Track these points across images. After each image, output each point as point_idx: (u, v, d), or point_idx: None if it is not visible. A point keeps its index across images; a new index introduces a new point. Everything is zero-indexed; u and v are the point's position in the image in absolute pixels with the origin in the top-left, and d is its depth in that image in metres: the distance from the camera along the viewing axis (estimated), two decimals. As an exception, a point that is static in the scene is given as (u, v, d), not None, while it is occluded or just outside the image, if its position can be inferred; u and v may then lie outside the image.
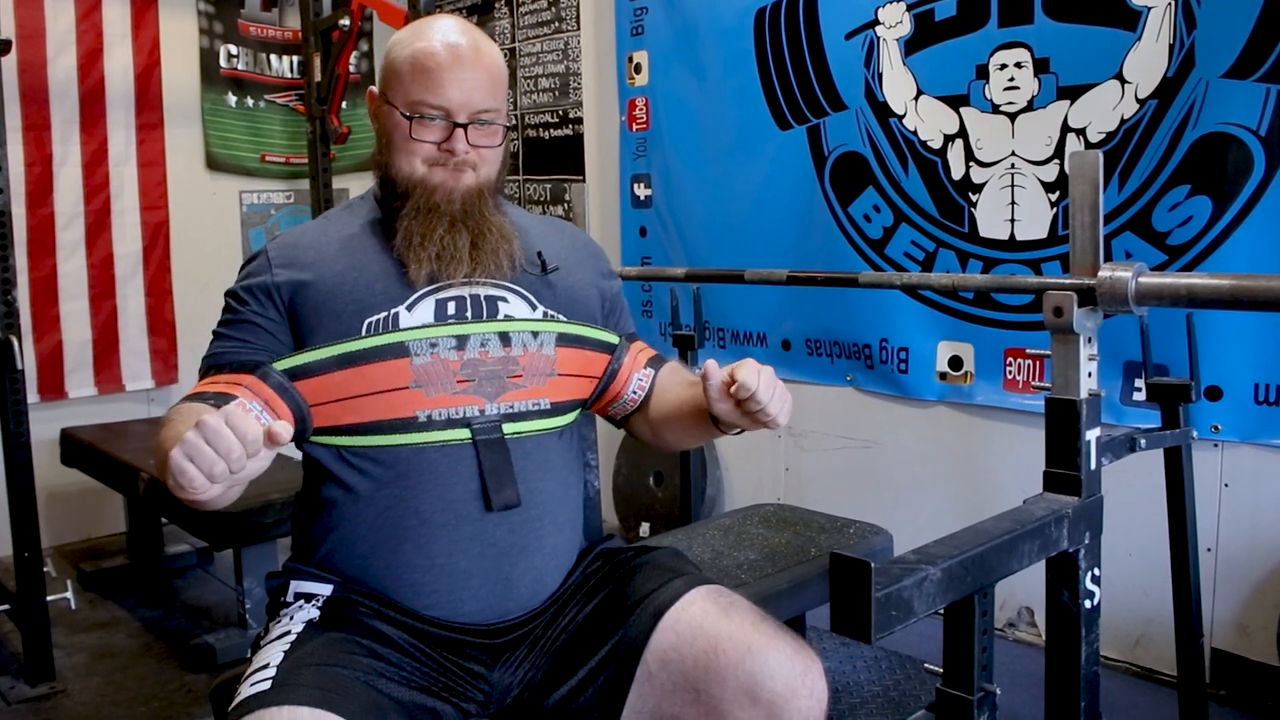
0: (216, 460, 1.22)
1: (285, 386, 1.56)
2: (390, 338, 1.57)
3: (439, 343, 1.59)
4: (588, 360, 1.71)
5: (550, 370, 1.65)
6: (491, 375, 1.60)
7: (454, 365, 1.59)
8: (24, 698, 3.04)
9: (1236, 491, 2.85)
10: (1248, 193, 2.69)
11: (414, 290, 1.62)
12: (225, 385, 1.55)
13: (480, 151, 1.66)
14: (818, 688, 1.48)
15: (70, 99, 4.36)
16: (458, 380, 1.59)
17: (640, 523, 4.25)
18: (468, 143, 1.63)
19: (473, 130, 1.64)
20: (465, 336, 1.60)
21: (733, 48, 3.85)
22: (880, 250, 3.51)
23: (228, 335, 1.64)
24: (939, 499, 3.45)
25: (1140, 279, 1.68)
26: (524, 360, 1.63)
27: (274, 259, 1.67)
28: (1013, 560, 1.61)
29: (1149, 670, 3.05)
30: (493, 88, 1.65)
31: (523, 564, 1.60)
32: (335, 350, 1.57)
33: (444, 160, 1.64)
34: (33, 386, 4.22)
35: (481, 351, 1.60)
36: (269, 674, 1.39)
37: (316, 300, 1.62)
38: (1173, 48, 2.79)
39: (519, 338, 1.63)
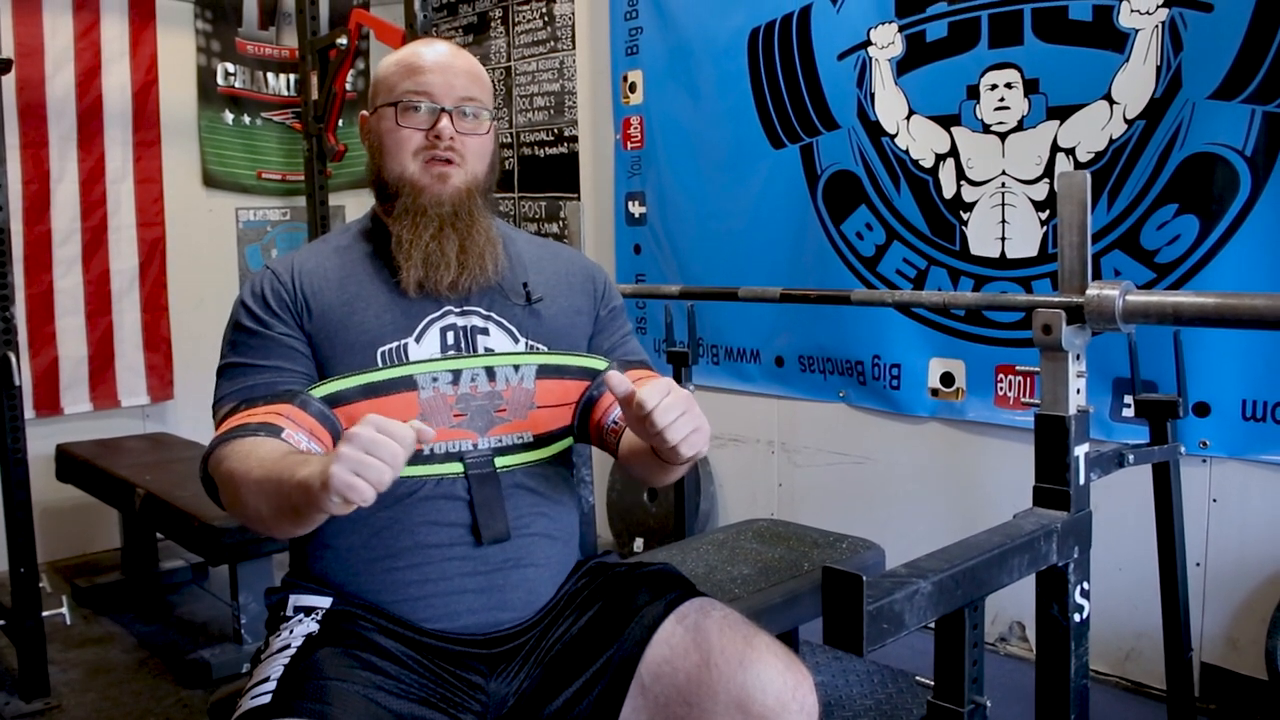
0: (384, 469, 1.24)
1: (326, 414, 1.56)
2: (403, 371, 1.59)
3: (439, 377, 1.61)
4: (566, 389, 1.70)
5: (530, 404, 1.66)
6: (481, 410, 1.62)
7: (450, 400, 1.61)
8: (19, 713, 3.04)
9: (1225, 506, 2.87)
10: (1234, 212, 2.72)
11: (419, 319, 1.63)
12: (265, 415, 1.52)
13: (467, 141, 1.66)
14: (808, 702, 1.49)
15: (68, 116, 4.38)
16: (454, 414, 1.61)
17: (634, 538, 4.27)
18: (454, 129, 1.65)
19: (458, 118, 1.66)
20: (459, 371, 1.62)
21: (727, 67, 3.88)
22: (872, 268, 3.54)
23: (252, 364, 1.61)
24: (930, 514, 3.47)
25: (1127, 297, 1.70)
26: (507, 394, 1.64)
27: (283, 276, 1.67)
28: (1003, 574, 1.63)
29: (1139, 684, 3.07)
30: (476, 81, 1.69)
31: (515, 576, 1.62)
32: (360, 380, 1.58)
33: (431, 151, 1.65)
34: (29, 402, 4.22)
35: (472, 386, 1.62)
36: (269, 688, 1.40)
37: (329, 328, 1.62)
38: (1160, 69, 2.82)
39: (502, 372, 1.64)
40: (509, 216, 4.95)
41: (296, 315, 1.63)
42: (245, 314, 1.65)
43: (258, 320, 1.63)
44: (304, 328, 1.63)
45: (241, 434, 1.50)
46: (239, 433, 1.50)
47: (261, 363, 1.60)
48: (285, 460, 1.39)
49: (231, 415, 1.55)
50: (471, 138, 1.67)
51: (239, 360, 1.62)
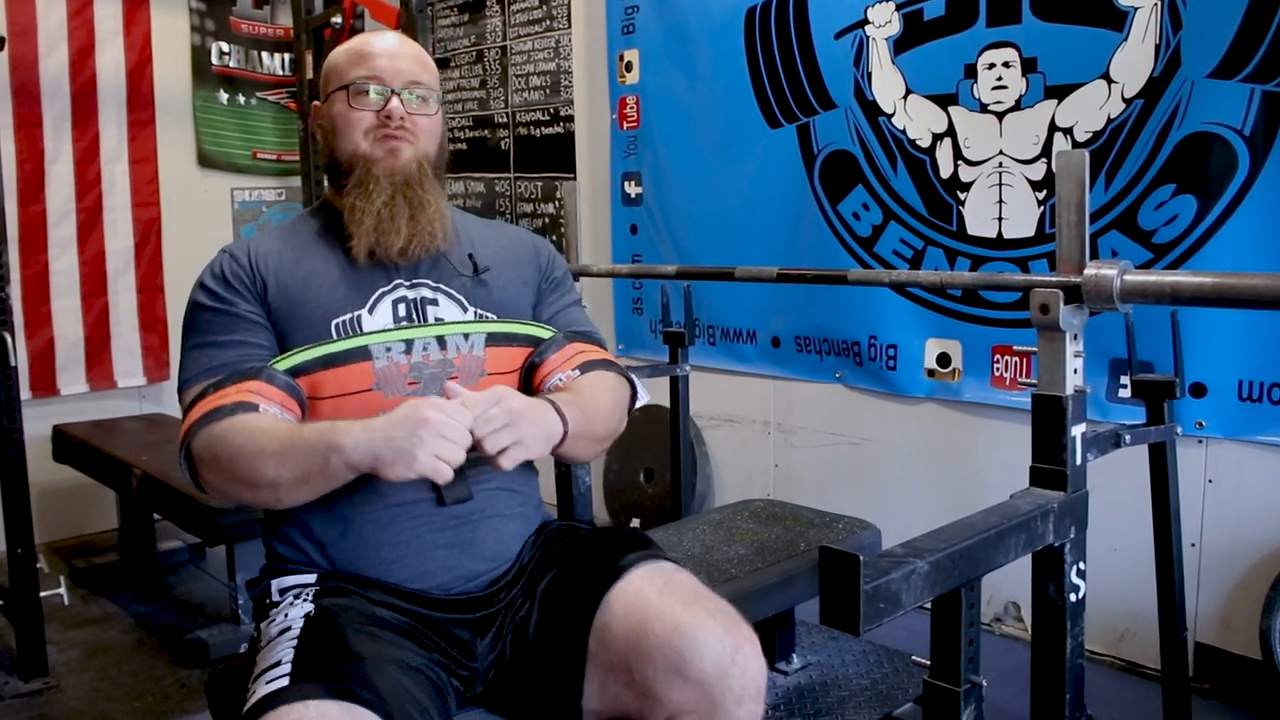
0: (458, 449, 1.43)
1: (291, 385, 1.61)
2: (357, 341, 1.65)
3: (393, 347, 1.66)
4: (515, 356, 1.78)
5: (480, 370, 1.72)
6: (434, 378, 1.67)
7: (404, 369, 1.66)
8: (18, 693, 3.05)
9: (1220, 487, 2.88)
10: (1232, 192, 2.72)
11: (371, 292, 1.70)
12: (238, 394, 1.57)
13: (417, 121, 1.74)
14: (751, 666, 1.51)
15: (62, 96, 4.36)
16: (408, 383, 1.66)
17: (631, 519, 4.27)
18: (404, 110, 1.72)
19: (408, 99, 1.73)
20: (411, 340, 1.68)
21: (723, 46, 3.86)
22: (869, 248, 3.53)
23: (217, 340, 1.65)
24: (927, 494, 3.47)
25: (1125, 277, 1.70)
26: (458, 362, 1.70)
27: (240, 257, 1.74)
28: (999, 554, 1.63)
29: (1133, 664, 3.08)
30: (424, 68, 1.78)
31: (483, 529, 1.69)
32: (319, 352, 1.63)
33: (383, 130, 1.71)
34: (25, 383, 4.21)
35: (424, 355, 1.68)
36: (284, 670, 1.41)
37: (286, 304, 1.68)
38: (1159, 48, 2.81)
39: (453, 340, 1.70)
40: (505, 196, 4.93)
41: (256, 293, 1.69)
42: (205, 294, 1.70)
43: (218, 299, 1.69)
44: (264, 303, 1.69)
45: (219, 416, 1.55)
46: (217, 415, 1.55)
47: (226, 338, 1.65)
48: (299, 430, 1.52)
49: (202, 398, 1.59)
50: (421, 118, 1.75)
51: (203, 339, 1.66)
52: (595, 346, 1.84)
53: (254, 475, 1.51)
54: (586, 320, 1.92)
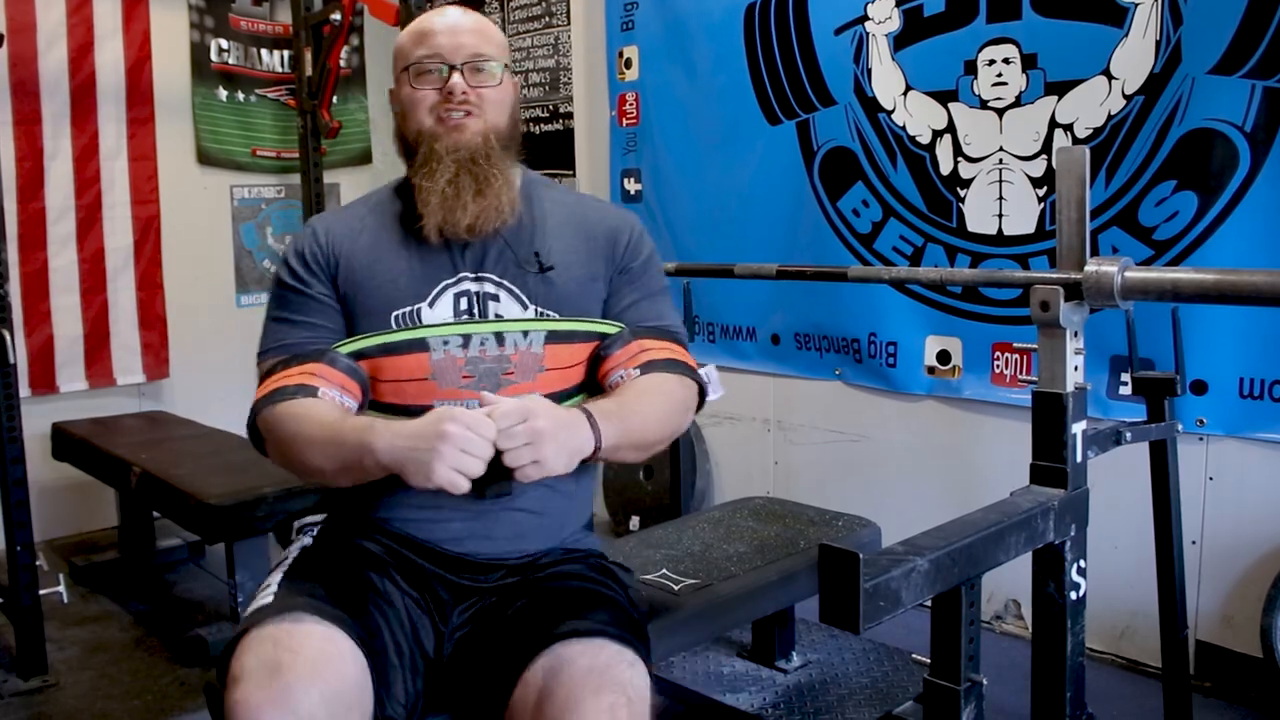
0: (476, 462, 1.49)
1: (353, 368, 1.72)
2: (416, 334, 1.71)
3: (450, 340, 1.70)
4: (575, 351, 1.77)
5: (539, 366, 1.72)
6: (489, 372, 1.70)
7: (460, 361, 1.70)
8: (16, 691, 3.05)
9: (1221, 484, 2.87)
10: (1233, 188, 2.71)
11: (434, 284, 1.74)
12: (300, 376, 1.69)
13: (481, 94, 1.75)
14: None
15: (61, 93, 4.35)
16: (463, 375, 1.70)
17: (630, 516, 4.27)
18: (466, 84, 1.73)
19: (470, 73, 1.74)
20: (470, 335, 1.72)
21: (722, 43, 3.86)
22: (869, 245, 3.52)
23: (289, 319, 1.77)
24: (927, 492, 3.47)
25: (1126, 274, 1.70)
26: (515, 358, 1.72)
27: (320, 235, 1.81)
28: (999, 552, 1.63)
29: (1134, 662, 3.08)
30: (487, 39, 1.77)
31: (504, 517, 1.72)
32: (379, 340, 1.71)
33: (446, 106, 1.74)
34: (24, 381, 4.21)
35: (481, 349, 1.70)
36: (271, 592, 1.58)
37: (353, 289, 1.76)
38: (1159, 44, 2.81)
39: (511, 337, 1.72)
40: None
41: (329, 274, 1.78)
42: (287, 271, 1.80)
43: (297, 278, 1.78)
44: (335, 285, 1.77)
45: (281, 397, 1.67)
46: (279, 396, 1.67)
47: (299, 319, 1.76)
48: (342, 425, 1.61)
49: (272, 374, 1.71)
50: (486, 89, 1.75)
51: (280, 314, 1.78)
52: (665, 343, 1.81)
53: (303, 462, 1.64)
54: (665, 312, 1.87)
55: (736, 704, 2.51)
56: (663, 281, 1.89)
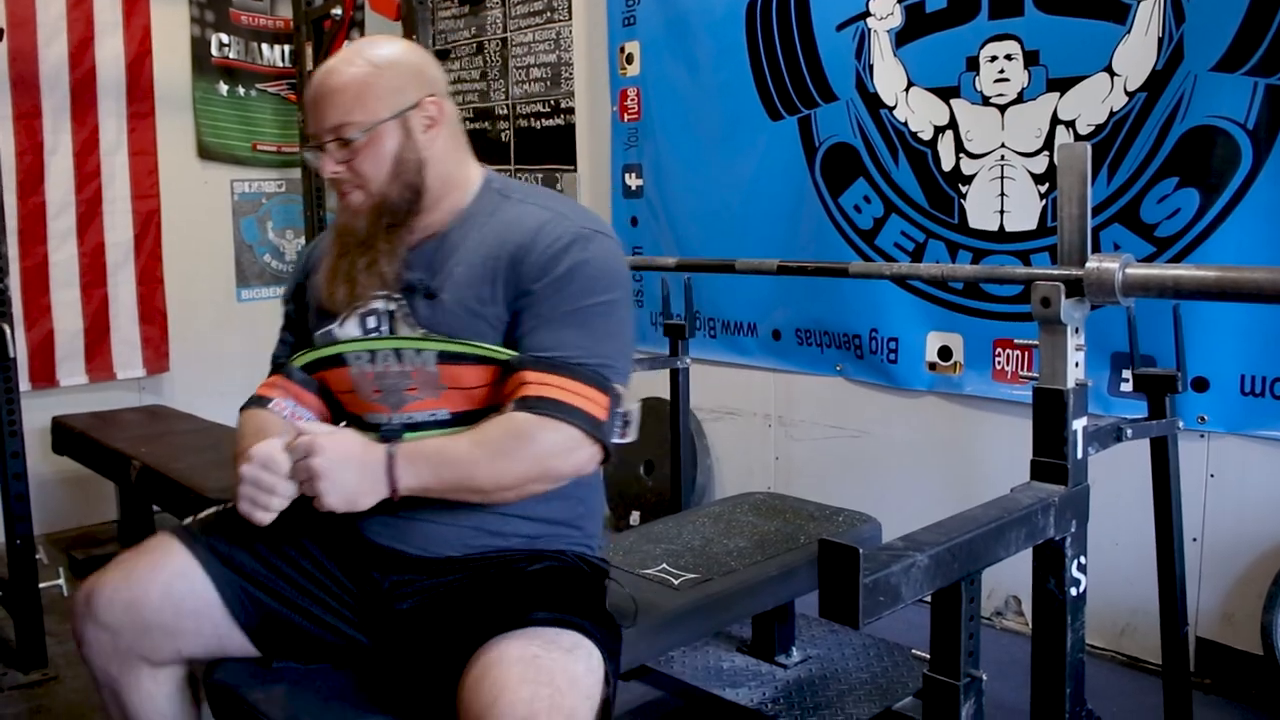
0: (271, 499, 1.57)
1: (306, 380, 1.84)
2: (330, 350, 1.80)
3: (361, 356, 1.76)
4: (476, 373, 1.70)
5: (439, 385, 1.71)
6: (394, 388, 1.74)
7: (370, 376, 1.75)
8: (16, 684, 3.05)
9: (1222, 482, 2.87)
10: (1235, 185, 2.71)
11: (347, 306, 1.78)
12: (264, 388, 1.86)
13: (353, 168, 1.71)
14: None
15: (61, 87, 4.34)
16: (374, 390, 1.76)
17: (630, 511, 4.27)
18: (335, 162, 1.71)
19: (336, 149, 1.70)
20: (375, 351, 1.75)
21: (724, 38, 3.85)
22: (870, 241, 3.52)
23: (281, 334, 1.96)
24: (928, 488, 3.47)
25: (1127, 270, 1.69)
26: (415, 375, 1.72)
27: (303, 255, 1.97)
28: (1000, 547, 1.63)
29: (1134, 659, 3.08)
30: (348, 101, 1.68)
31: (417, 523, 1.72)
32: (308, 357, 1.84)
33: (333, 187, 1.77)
34: (24, 375, 4.21)
35: (386, 365, 1.74)
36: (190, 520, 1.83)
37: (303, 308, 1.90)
38: (1162, 41, 2.80)
39: (407, 355, 1.72)
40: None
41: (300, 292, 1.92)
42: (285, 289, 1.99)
43: (286, 298, 1.97)
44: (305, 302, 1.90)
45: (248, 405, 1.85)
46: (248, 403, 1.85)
47: (282, 334, 1.96)
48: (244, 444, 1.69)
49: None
50: (359, 158, 1.70)
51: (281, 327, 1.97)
52: (551, 378, 1.62)
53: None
54: (567, 340, 1.65)
55: (736, 699, 2.51)
56: (579, 303, 1.67)
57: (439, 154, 1.74)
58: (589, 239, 1.70)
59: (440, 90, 1.76)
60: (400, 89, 1.70)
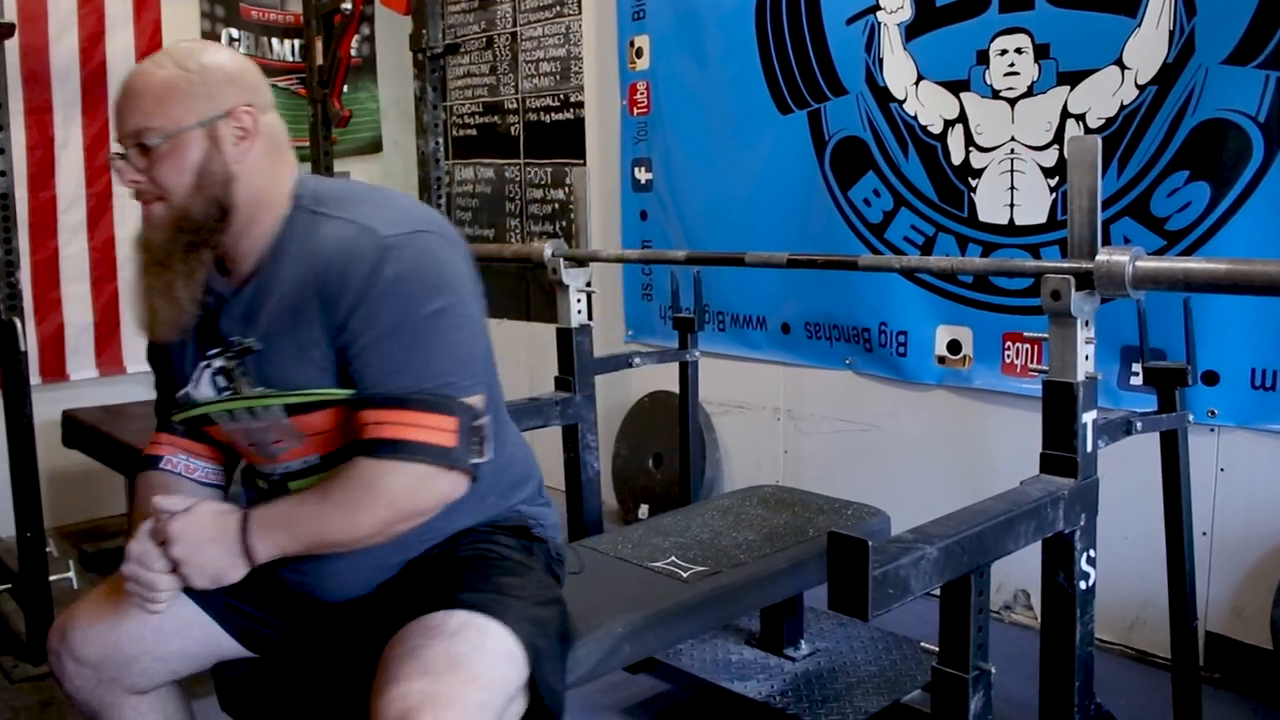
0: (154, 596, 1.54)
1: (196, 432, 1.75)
2: (195, 412, 1.69)
3: (222, 415, 1.66)
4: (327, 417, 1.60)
5: (298, 435, 1.62)
6: (263, 443, 1.66)
7: (239, 433, 1.67)
8: (27, 676, 3.07)
9: (1232, 476, 2.87)
10: (1246, 179, 2.70)
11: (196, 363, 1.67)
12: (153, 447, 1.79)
13: (153, 177, 1.56)
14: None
15: (72, 82, 4.36)
16: (249, 445, 1.69)
17: (639, 504, 4.27)
18: (135, 170, 1.57)
19: (136, 156, 1.56)
20: (232, 410, 1.65)
21: (734, 32, 3.85)
22: (880, 234, 3.52)
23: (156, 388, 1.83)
24: (937, 481, 3.47)
25: (1137, 263, 1.69)
26: (272, 429, 1.63)
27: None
28: (1009, 540, 1.63)
29: (1143, 653, 3.08)
30: (150, 105, 1.54)
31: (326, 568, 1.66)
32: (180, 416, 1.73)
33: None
34: (35, 368, 4.22)
35: (246, 423, 1.66)
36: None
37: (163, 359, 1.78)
38: (1173, 34, 2.79)
39: (258, 411, 1.62)
40: (515, 183, 4.93)
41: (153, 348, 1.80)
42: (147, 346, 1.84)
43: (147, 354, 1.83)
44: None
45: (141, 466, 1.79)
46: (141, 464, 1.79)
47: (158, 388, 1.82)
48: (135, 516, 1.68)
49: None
50: (159, 167, 1.55)
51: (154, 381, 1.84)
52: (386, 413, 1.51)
53: None
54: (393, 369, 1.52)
55: (744, 692, 2.51)
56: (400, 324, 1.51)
57: (250, 169, 1.58)
58: (398, 248, 1.52)
59: (259, 102, 1.61)
60: (210, 96, 1.55)
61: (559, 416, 2.83)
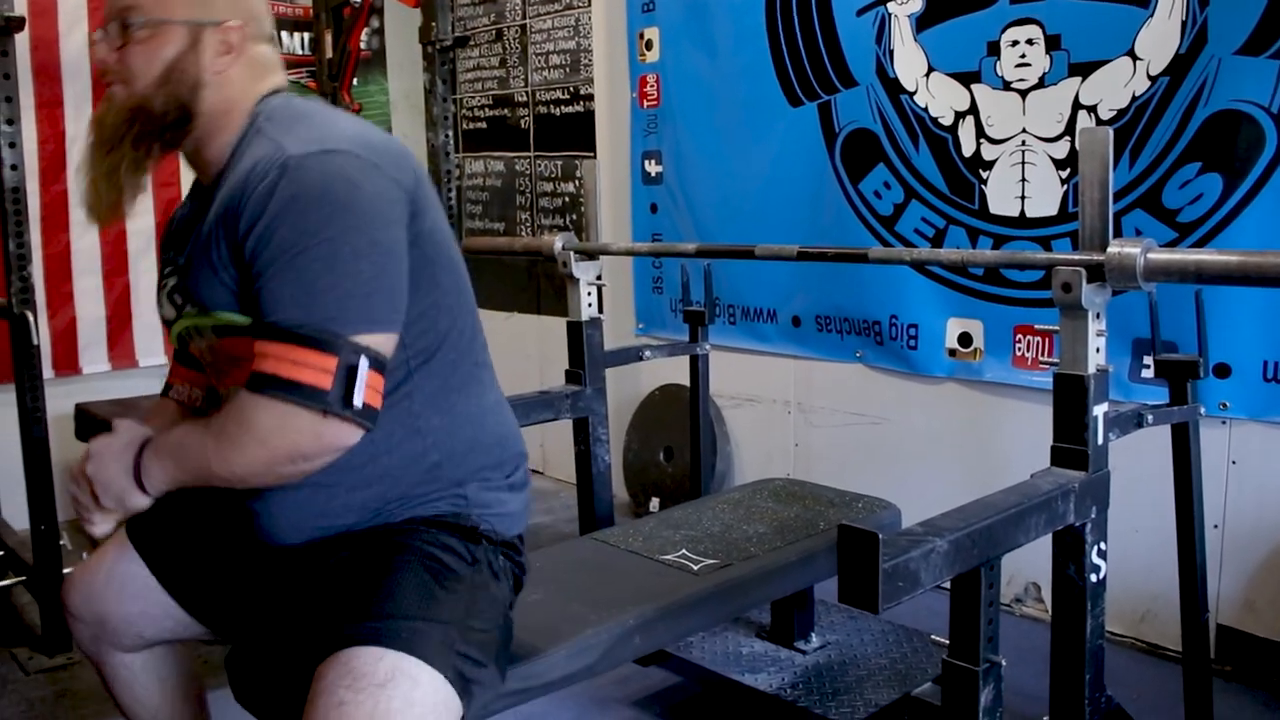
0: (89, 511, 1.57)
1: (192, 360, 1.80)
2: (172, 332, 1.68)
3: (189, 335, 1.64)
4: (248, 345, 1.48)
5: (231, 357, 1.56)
6: (214, 365, 1.66)
7: (197, 352, 1.68)
8: (42, 668, 3.08)
9: (1244, 468, 2.86)
10: (1259, 170, 2.69)
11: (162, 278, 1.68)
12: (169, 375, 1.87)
13: (124, 58, 1.52)
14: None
15: (82, 76, 4.36)
16: (208, 364, 1.69)
17: (650, 498, 4.28)
18: (110, 47, 1.53)
19: (115, 33, 1.53)
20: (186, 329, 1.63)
21: (744, 24, 3.84)
22: (890, 227, 3.51)
23: None
24: (947, 475, 3.46)
25: (1149, 255, 1.69)
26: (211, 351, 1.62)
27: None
28: (1019, 533, 1.63)
29: (1154, 646, 3.07)
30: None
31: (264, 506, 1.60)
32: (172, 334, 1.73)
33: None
34: (47, 362, 4.24)
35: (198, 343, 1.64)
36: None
37: None
38: (1185, 25, 2.78)
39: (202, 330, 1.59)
40: (525, 176, 4.93)
41: None
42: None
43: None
44: None
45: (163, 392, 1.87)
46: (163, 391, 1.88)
47: None
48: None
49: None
50: (132, 51, 1.52)
51: None
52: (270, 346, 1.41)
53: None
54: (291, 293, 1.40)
55: (755, 684, 2.51)
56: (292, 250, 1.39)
57: (223, 81, 1.54)
58: (300, 168, 1.40)
59: (254, 29, 1.58)
60: (206, 3, 1.54)
61: (569, 410, 2.83)
